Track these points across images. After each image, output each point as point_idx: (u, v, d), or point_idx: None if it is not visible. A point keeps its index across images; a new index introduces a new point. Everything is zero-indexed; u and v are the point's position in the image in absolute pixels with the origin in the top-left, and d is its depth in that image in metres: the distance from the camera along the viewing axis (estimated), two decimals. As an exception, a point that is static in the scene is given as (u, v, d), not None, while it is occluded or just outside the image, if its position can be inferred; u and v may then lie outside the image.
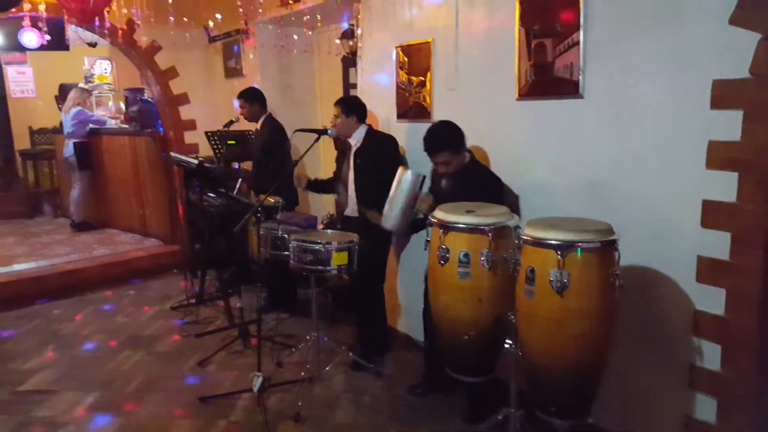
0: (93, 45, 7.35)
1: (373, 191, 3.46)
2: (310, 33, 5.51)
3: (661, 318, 2.56)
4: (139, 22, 5.17)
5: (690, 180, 2.38)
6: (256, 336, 3.21)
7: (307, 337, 3.65)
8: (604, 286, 2.10)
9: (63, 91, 8.07)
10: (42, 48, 7.58)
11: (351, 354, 3.70)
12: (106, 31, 5.36)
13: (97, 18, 4.42)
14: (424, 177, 3.12)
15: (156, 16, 5.07)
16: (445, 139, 3.02)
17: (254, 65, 5.75)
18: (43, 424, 3.14)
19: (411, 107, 3.86)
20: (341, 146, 4.05)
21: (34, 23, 4.44)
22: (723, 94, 2.25)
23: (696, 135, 2.34)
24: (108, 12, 4.94)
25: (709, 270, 2.35)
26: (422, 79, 3.73)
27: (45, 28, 4.37)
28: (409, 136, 3.88)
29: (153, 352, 4.03)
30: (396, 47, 3.91)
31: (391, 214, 3.16)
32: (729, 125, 2.24)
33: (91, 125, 7.02)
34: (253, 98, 4.66)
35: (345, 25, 5.00)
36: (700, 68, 2.31)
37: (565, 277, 2.06)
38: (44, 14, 4.44)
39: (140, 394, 3.44)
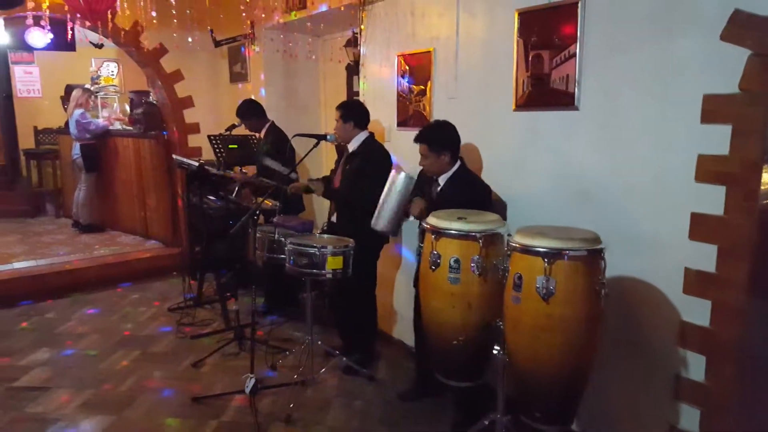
0: (99, 46, 7.37)
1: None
2: (311, 40, 5.55)
3: (647, 328, 2.59)
4: (143, 23, 5.21)
5: (679, 193, 2.41)
6: (250, 338, 3.22)
7: (302, 341, 3.67)
8: (590, 294, 2.13)
9: (69, 92, 8.09)
10: (48, 48, 7.65)
11: (344, 359, 3.72)
12: (108, 32, 5.40)
13: (100, 19, 4.45)
14: (416, 181, 3.17)
15: (162, 19, 5.11)
16: (431, 133, 3.08)
17: (259, 70, 5.79)
18: (35, 420, 3.16)
19: (411, 115, 3.90)
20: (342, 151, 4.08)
21: (37, 21, 4.49)
22: (713, 109, 2.28)
23: (686, 148, 2.37)
24: (112, 13, 5.00)
25: (695, 282, 2.38)
26: (423, 87, 3.77)
27: (48, 27, 4.41)
28: (409, 144, 3.90)
29: (148, 353, 4.05)
30: (398, 55, 3.95)
31: (383, 215, 3.20)
32: (718, 139, 2.27)
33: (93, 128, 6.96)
34: (248, 114, 4.68)
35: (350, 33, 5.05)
36: (691, 82, 2.35)
37: (552, 284, 2.09)
38: (47, 13, 4.48)
39: (133, 393, 3.46)
